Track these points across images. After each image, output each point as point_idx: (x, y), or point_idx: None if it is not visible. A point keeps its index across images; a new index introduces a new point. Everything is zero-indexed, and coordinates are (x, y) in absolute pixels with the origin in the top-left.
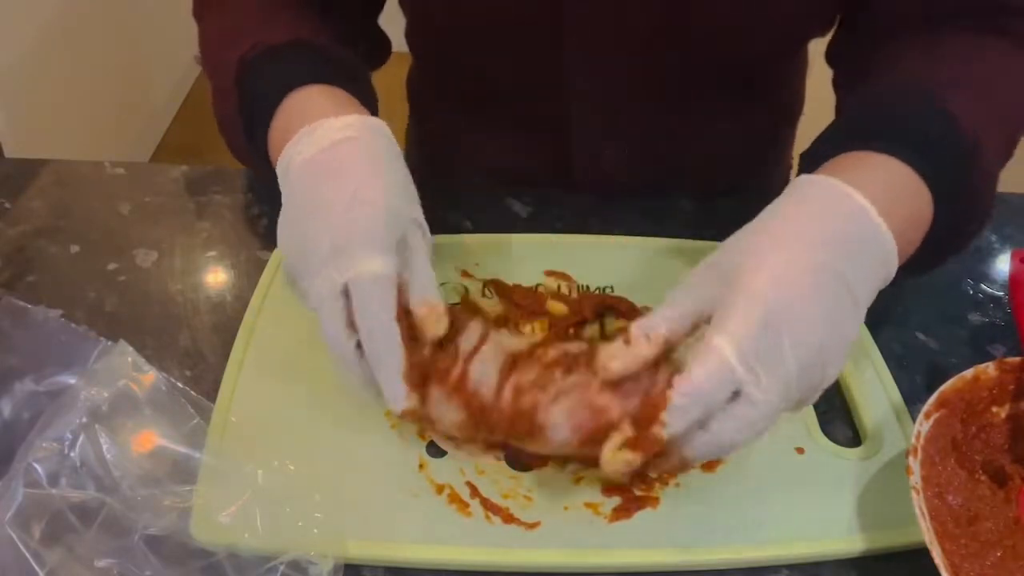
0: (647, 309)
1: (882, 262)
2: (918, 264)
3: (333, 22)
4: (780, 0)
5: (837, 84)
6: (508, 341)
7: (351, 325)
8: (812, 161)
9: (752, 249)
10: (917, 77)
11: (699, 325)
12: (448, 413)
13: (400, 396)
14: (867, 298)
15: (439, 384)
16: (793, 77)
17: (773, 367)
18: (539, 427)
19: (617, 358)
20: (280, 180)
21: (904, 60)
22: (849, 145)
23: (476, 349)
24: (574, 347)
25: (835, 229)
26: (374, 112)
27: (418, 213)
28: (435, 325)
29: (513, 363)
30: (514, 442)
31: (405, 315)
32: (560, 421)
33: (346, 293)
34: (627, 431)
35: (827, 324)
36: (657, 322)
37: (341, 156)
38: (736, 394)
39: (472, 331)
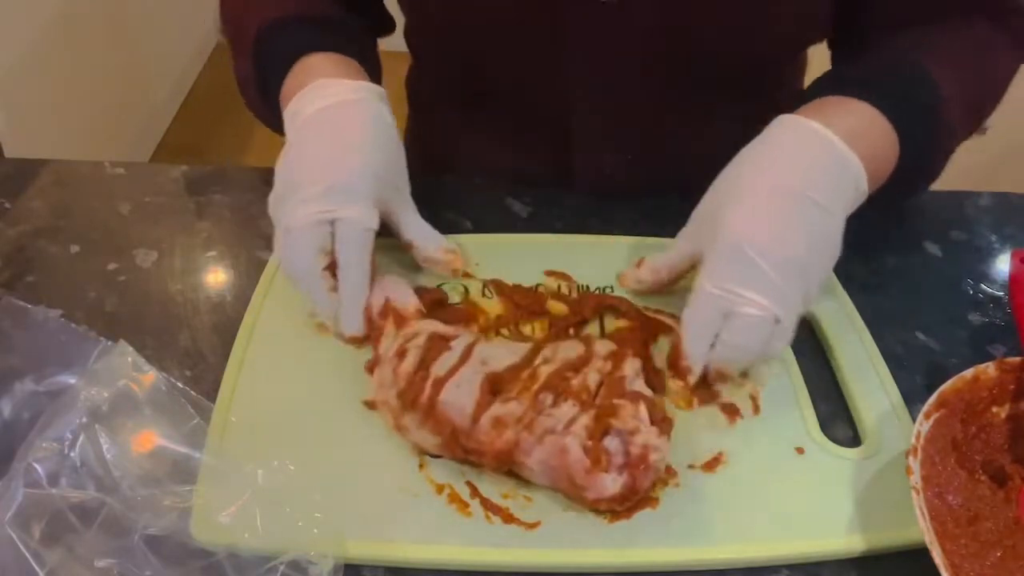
0: (647, 309)
1: (849, 178)
2: (884, 198)
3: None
4: (780, 0)
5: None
6: (495, 354)
7: (321, 251)
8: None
9: (727, 190)
10: (902, 44)
11: (696, 263)
12: (424, 436)
13: (355, 326)
14: (839, 208)
15: (411, 408)
16: (792, 78)
17: (755, 284)
18: (519, 464)
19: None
20: (287, 125)
21: (896, 39)
22: (830, 92)
23: (453, 371)
24: (570, 349)
25: (800, 158)
26: (378, 71)
27: (399, 179)
28: (460, 262)
29: (493, 386)
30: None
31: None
32: (539, 470)
33: (325, 227)
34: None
35: (797, 239)
36: (660, 264)
37: (347, 113)
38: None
39: (454, 351)
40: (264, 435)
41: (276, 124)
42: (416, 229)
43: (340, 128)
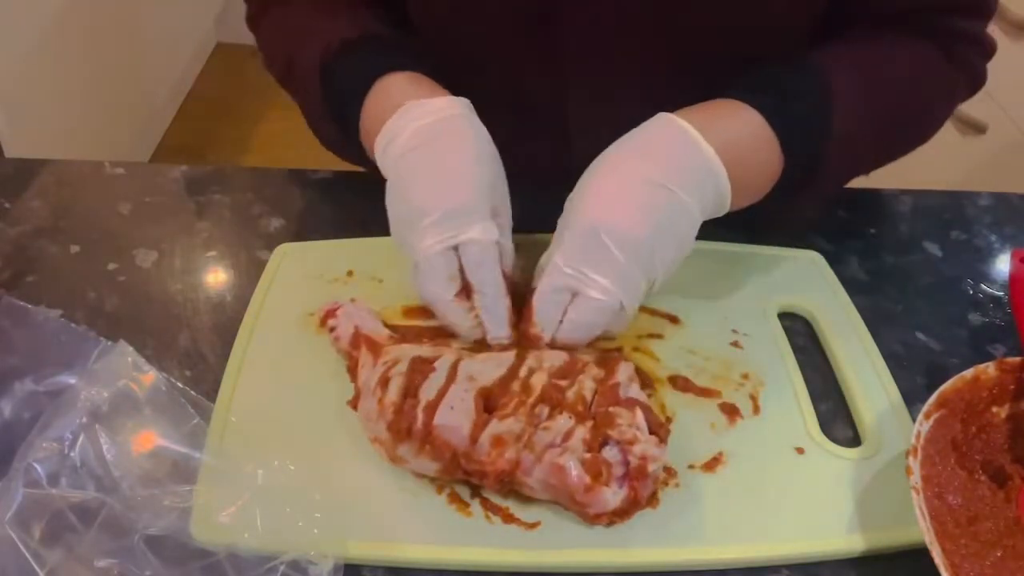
0: (645, 308)
1: (707, 174)
2: (777, 200)
3: (379, 10)
4: None
5: None
6: (481, 369)
7: (451, 278)
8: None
9: (589, 175)
10: (817, 51)
11: None
12: (423, 464)
13: (504, 335)
14: (694, 199)
15: (406, 438)
16: None
17: (601, 264)
18: (520, 483)
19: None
20: (379, 158)
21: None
22: (728, 95)
23: (443, 392)
24: (555, 357)
25: (653, 146)
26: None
27: (504, 189)
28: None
29: (487, 401)
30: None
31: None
32: (540, 488)
33: (450, 252)
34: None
35: (647, 221)
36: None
37: (446, 131)
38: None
39: (439, 371)
40: (264, 435)
41: (357, 155)
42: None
43: (443, 148)
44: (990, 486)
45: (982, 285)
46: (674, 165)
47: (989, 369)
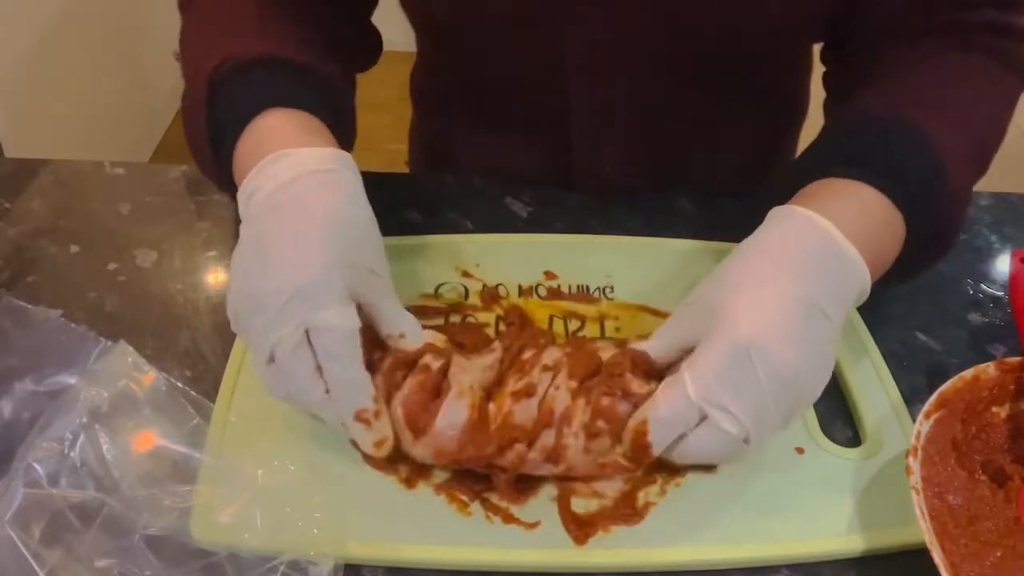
0: (645, 308)
1: (854, 283)
2: (894, 278)
3: (326, 20)
4: None
5: (827, 83)
6: (468, 367)
7: (316, 372)
8: (792, 184)
9: (729, 283)
10: (897, 98)
11: (684, 357)
12: (427, 455)
13: (370, 444)
14: (841, 318)
15: (409, 430)
16: (795, 79)
17: (744, 394)
18: (559, 455)
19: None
20: (241, 207)
21: (887, 78)
22: (825, 171)
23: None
24: (552, 357)
25: (805, 258)
26: (350, 132)
27: (375, 261)
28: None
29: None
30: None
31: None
32: (576, 453)
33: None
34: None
35: (801, 350)
36: (653, 353)
37: (299, 194)
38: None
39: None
40: (264, 435)
41: (231, 191)
42: (395, 322)
43: (301, 210)
44: (990, 486)
45: (982, 285)
46: (818, 274)
47: (989, 369)
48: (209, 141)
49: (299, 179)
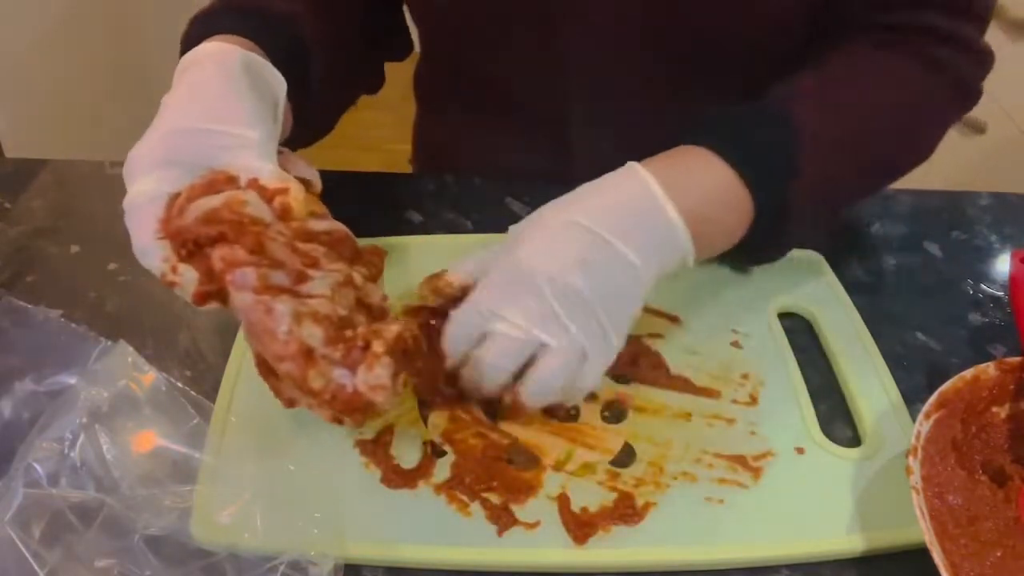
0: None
1: (669, 239)
2: (743, 253)
3: (350, 7)
4: None
5: None
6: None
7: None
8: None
9: (530, 219)
10: (784, 86)
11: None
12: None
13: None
14: (650, 264)
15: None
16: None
17: (522, 305)
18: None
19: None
20: None
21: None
22: (692, 139)
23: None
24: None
25: (613, 201)
26: (293, 63)
27: (247, 130)
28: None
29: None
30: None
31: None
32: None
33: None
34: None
35: (582, 273)
36: (452, 275)
37: (172, 84)
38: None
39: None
40: (264, 435)
41: None
42: (251, 169)
43: (170, 97)
44: (990, 486)
45: (982, 285)
46: (621, 215)
47: (989, 369)
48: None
49: (180, 74)
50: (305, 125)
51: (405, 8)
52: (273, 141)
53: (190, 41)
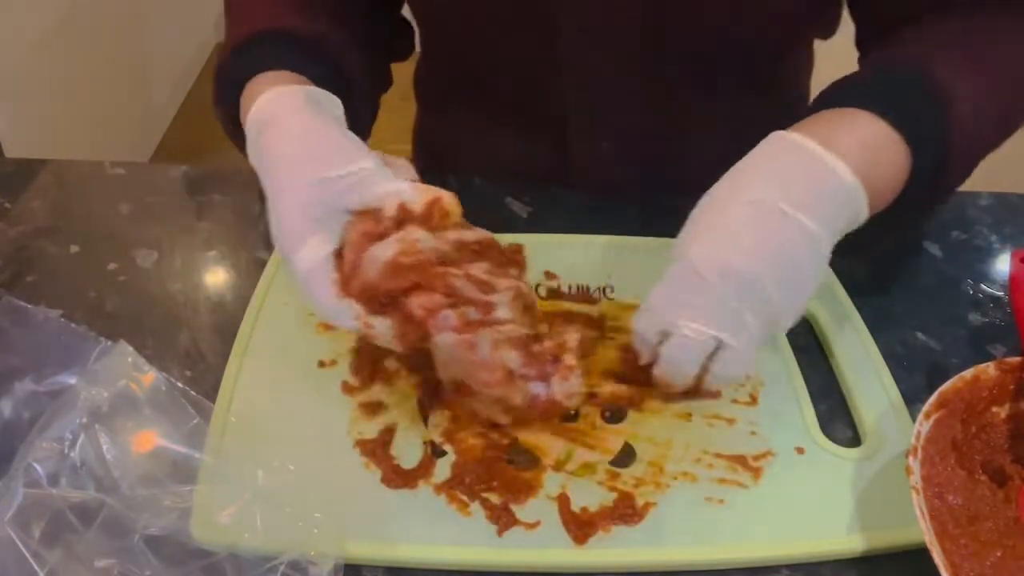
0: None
1: (844, 198)
2: (895, 216)
3: (356, 13)
4: None
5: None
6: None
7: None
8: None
9: (698, 207)
10: (909, 48)
11: None
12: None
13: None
14: (827, 228)
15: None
16: (795, 75)
17: (694, 307)
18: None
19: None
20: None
21: (907, 38)
22: (833, 103)
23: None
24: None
25: (782, 173)
26: (335, 85)
27: (362, 161)
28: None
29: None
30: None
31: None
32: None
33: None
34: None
35: (759, 251)
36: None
37: (264, 145)
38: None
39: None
40: (264, 435)
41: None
42: (391, 197)
43: (266, 167)
44: (990, 486)
45: (982, 285)
46: (792, 183)
47: (989, 369)
48: (219, 110)
49: (260, 130)
50: None
51: (405, 8)
52: (378, 160)
53: (231, 79)
